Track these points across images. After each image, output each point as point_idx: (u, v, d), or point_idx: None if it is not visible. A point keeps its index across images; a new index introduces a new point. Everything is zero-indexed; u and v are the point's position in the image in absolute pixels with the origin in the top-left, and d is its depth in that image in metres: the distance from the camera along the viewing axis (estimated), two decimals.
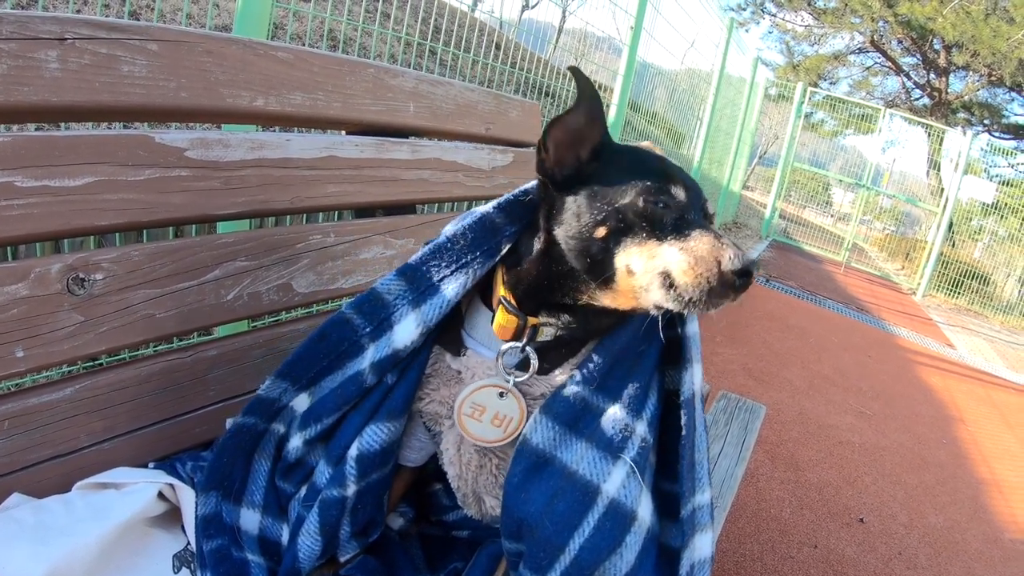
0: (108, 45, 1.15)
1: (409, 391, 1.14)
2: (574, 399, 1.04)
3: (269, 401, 1.20)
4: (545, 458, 1.01)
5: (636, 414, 1.05)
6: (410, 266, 1.13)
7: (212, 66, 1.31)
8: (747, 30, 21.72)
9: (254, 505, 1.21)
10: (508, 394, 1.08)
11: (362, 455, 1.11)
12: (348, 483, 1.12)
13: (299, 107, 1.46)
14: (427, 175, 1.77)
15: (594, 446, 1.02)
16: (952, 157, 13.85)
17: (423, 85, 1.77)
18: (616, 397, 1.05)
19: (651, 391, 1.10)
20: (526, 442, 1.03)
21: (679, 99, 9.39)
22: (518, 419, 1.08)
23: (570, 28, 9.34)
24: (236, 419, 1.21)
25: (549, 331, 1.09)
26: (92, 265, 1.15)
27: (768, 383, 5.25)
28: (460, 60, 4.19)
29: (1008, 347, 11.06)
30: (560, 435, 1.02)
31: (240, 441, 1.21)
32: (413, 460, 1.25)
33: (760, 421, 2.12)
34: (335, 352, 1.16)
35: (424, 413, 1.18)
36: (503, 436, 1.09)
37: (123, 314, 1.20)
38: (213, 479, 1.19)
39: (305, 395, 1.20)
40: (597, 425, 1.03)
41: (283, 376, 1.19)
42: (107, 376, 1.22)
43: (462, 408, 1.10)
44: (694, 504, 1.07)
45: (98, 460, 1.21)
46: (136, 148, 1.20)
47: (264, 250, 1.40)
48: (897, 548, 3.36)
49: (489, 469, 1.15)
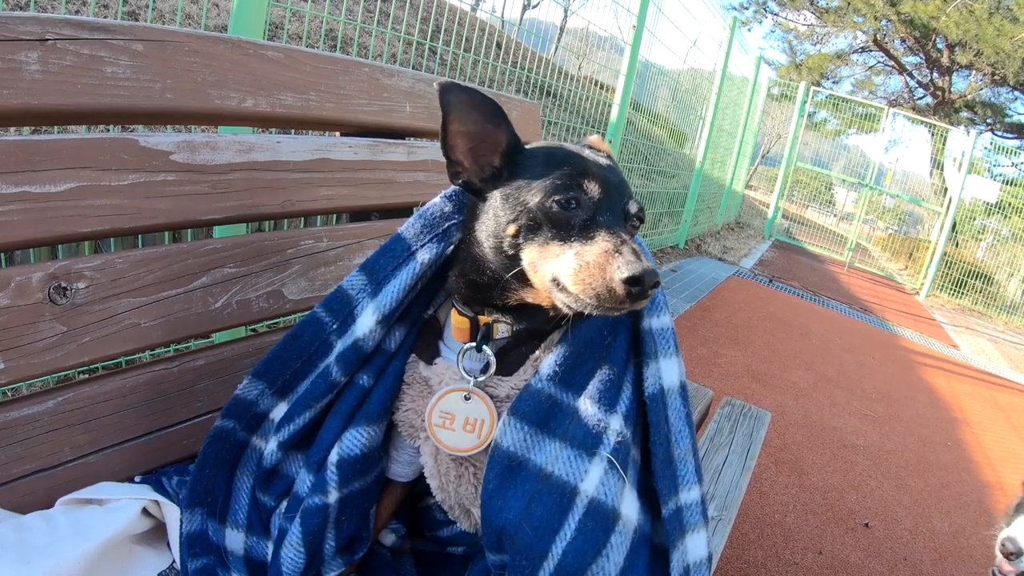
0: (91, 45, 1.11)
1: (386, 395, 1.13)
2: (541, 397, 1.01)
3: (247, 403, 1.19)
4: (518, 461, 0.98)
5: (609, 407, 1.02)
6: (370, 260, 1.16)
7: (199, 66, 1.27)
8: (750, 29, 21.75)
9: (238, 525, 1.19)
10: (473, 396, 1.06)
11: (343, 460, 1.09)
12: (330, 489, 1.09)
13: (290, 108, 1.42)
14: (423, 177, 1.73)
15: (568, 444, 0.98)
16: (955, 156, 13.81)
17: (420, 85, 1.73)
18: (585, 391, 1.02)
19: (624, 384, 1.06)
20: (497, 447, 1.00)
21: (681, 99, 9.37)
22: (489, 421, 1.05)
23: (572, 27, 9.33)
24: (215, 423, 1.19)
25: (504, 328, 1.07)
26: (74, 273, 1.12)
27: (772, 385, 5.21)
28: (461, 59, 4.15)
29: (1012, 348, 11.03)
30: (531, 436, 0.99)
31: (220, 450, 1.20)
32: (403, 475, 1.22)
33: (765, 428, 2.07)
34: (307, 352, 1.17)
35: (401, 423, 1.16)
36: (479, 442, 1.06)
37: (107, 323, 1.17)
38: (196, 494, 1.17)
39: (284, 404, 1.20)
40: (569, 422, 1.00)
41: (259, 376, 1.19)
42: (91, 388, 1.18)
43: (432, 419, 1.07)
44: (678, 502, 1.03)
45: (83, 474, 1.18)
46: (120, 152, 1.16)
47: (253, 256, 1.36)
48: (902, 553, 3.32)
49: (467, 479, 1.11)
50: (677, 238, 9.75)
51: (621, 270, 0.89)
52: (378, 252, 1.16)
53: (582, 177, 0.99)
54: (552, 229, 0.97)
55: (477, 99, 1.02)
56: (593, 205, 0.98)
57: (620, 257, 0.90)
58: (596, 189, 0.99)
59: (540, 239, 0.97)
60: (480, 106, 1.03)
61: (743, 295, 8.36)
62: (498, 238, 1.01)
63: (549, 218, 0.97)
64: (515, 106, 2.13)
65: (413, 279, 1.10)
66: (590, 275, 0.91)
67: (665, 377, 1.06)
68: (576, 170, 1.00)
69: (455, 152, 1.05)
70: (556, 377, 1.01)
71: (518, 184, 1.01)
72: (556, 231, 0.97)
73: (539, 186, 0.99)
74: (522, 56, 5.00)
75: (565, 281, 0.92)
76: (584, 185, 0.99)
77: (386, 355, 1.14)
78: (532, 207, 0.98)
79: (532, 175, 1.01)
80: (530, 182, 1.00)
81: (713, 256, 10.46)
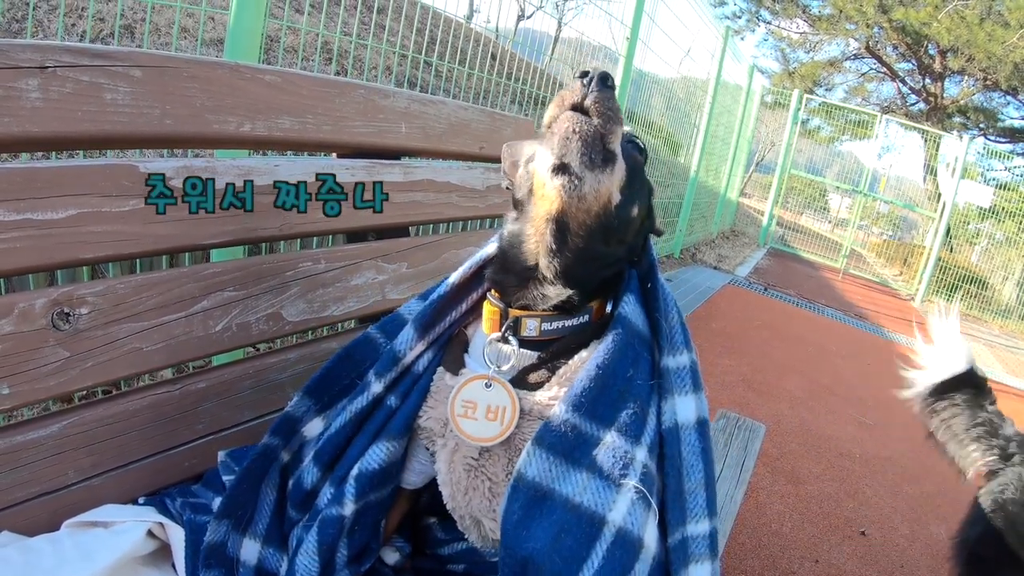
0: (91, 72, 1.12)
1: (410, 412, 1.15)
2: (566, 428, 1.00)
3: (295, 420, 1.22)
4: (544, 492, 0.98)
5: (635, 440, 1.02)
6: (428, 291, 1.21)
7: (197, 91, 1.28)
8: (742, 38, 21.80)
9: (256, 535, 1.20)
10: (494, 383, 1.07)
11: (362, 473, 1.11)
12: (346, 502, 1.11)
13: (287, 131, 1.44)
14: (419, 197, 1.75)
15: (595, 475, 0.98)
16: (948, 161, 13.88)
17: (415, 105, 1.75)
18: (611, 423, 1.02)
19: (649, 416, 1.07)
20: (522, 477, 0.99)
21: (676, 107, 9.41)
22: (512, 408, 1.06)
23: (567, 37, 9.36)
24: (264, 439, 1.21)
25: (532, 325, 1.09)
26: (77, 299, 1.13)
27: (767, 394, 5.22)
28: (456, 72, 4.18)
29: (1007, 352, 11.06)
30: (556, 466, 0.99)
31: (264, 465, 1.22)
32: (413, 483, 1.23)
33: (760, 441, 2.09)
34: (358, 370, 1.22)
35: (422, 429, 1.17)
36: (501, 430, 1.06)
37: (109, 348, 1.17)
38: (230, 507, 1.18)
39: (319, 419, 1.23)
40: (595, 453, 1.00)
41: (310, 393, 1.22)
42: (94, 411, 1.19)
43: (455, 408, 1.08)
44: (684, 533, 1.04)
45: (87, 496, 1.19)
46: (120, 178, 1.17)
47: (253, 279, 1.38)
48: (899, 561, 3.33)
49: (482, 492, 1.11)
50: (672, 248, 9.78)
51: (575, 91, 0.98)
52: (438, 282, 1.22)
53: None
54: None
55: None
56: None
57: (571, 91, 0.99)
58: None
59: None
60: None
61: (738, 304, 8.38)
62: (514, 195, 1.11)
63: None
64: (509, 123, 2.15)
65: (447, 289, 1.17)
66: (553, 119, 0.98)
67: (680, 414, 1.08)
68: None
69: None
70: (581, 408, 1.01)
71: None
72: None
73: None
74: (517, 67, 5.02)
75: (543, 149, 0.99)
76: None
77: (414, 376, 1.17)
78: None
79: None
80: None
81: (708, 265, 10.48)
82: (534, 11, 9.89)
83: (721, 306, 7.81)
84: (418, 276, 1.75)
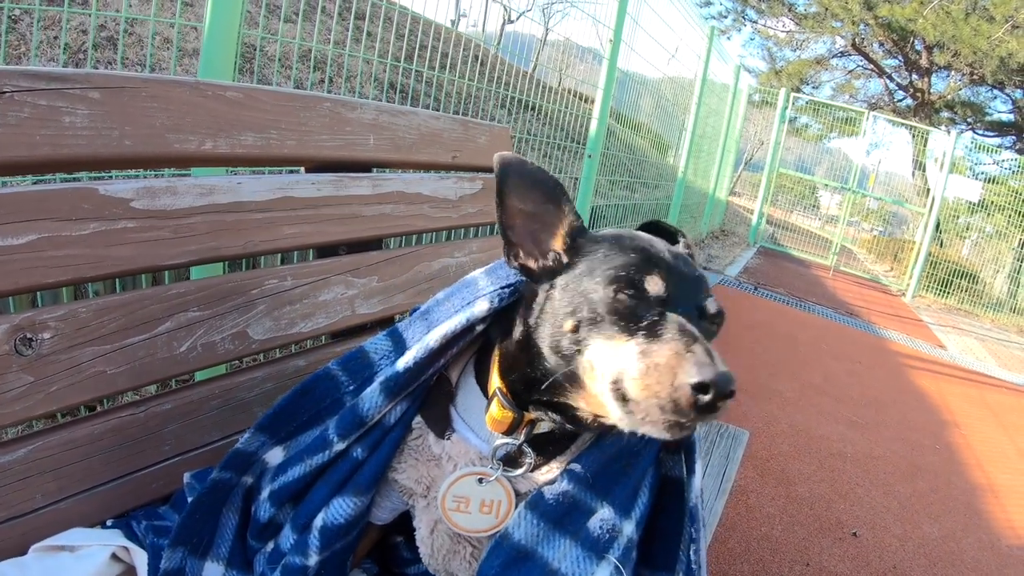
0: (48, 96, 1.11)
1: (379, 467, 1.09)
2: (563, 497, 0.98)
3: (247, 455, 1.18)
4: (525, 553, 0.95)
5: (625, 514, 0.99)
6: (398, 327, 1.14)
7: (157, 111, 1.26)
8: (729, 38, 21.84)
9: (219, 558, 1.17)
10: (489, 479, 1.02)
11: (326, 527, 1.07)
12: (311, 553, 1.08)
13: (250, 148, 1.42)
14: (389, 209, 1.73)
15: (579, 544, 0.96)
16: (937, 157, 13.92)
17: (384, 116, 1.73)
18: (606, 496, 0.99)
19: (643, 488, 1.04)
20: (508, 537, 0.97)
21: (664, 109, 9.41)
22: (507, 501, 1.02)
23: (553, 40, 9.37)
24: (213, 475, 1.18)
25: (545, 426, 1.01)
26: (39, 324, 1.11)
27: (757, 395, 5.21)
28: (439, 78, 4.16)
29: (1000, 345, 11.08)
30: (544, 531, 0.96)
31: (216, 499, 1.18)
32: (383, 519, 1.20)
33: (743, 448, 2.07)
34: (317, 407, 1.15)
35: (398, 483, 1.13)
36: (497, 522, 1.02)
37: (73, 372, 1.16)
38: (183, 535, 1.15)
39: (280, 449, 1.18)
40: (584, 523, 0.97)
41: (263, 429, 1.17)
42: (59, 435, 1.18)
43: (445, 504, 1.03)
44: None
45: (54, 520, 1.17)
46: (79, 202, 1.15)
47: (217, 298, 1.35)
48: (891, 562, 3.32)
49: (463, 556, 1.09)
50: None
51: (691, 373, 0.77)
52: (408, 320, 1.13)
53: (652, 266, 0.90)
54: (615, 325, 0.86)
55: (539, 176, 0.96)
56: (663, 300, 0.88)
57: (692, 357, 0.79)
58: (665, 281, 0.89)
59: (601, 336, 0.87)
60: (541, 184, 0.96)
61: (727, 304, 8.24)
62: (556, 333, 0.91)
63: (612, 312, 0.87)
64: (483, 132, 2.13)
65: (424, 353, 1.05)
66: (657, 378, 0.79)
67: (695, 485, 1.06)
68: (645, 257, 0.91)
69: (515, 233, 0.97)
70: (583, 480, 0.98)
71: (579, 272, 0.93)
72: (619, 328, 0.86)
73: (602, 275, 0.89)
74: (503, 71, 5.01)
75: (627, 385, 0.82)
76: (653, 275, 0.89)
77: (384, 428, 1.08)
78: (594, 299, 0.88)
79: (595, 263, 0.92)
80: (592, 271, 0.91)
81: (698, 265, 10.46)
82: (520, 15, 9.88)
83: None
84: (388, 290, 1.72)
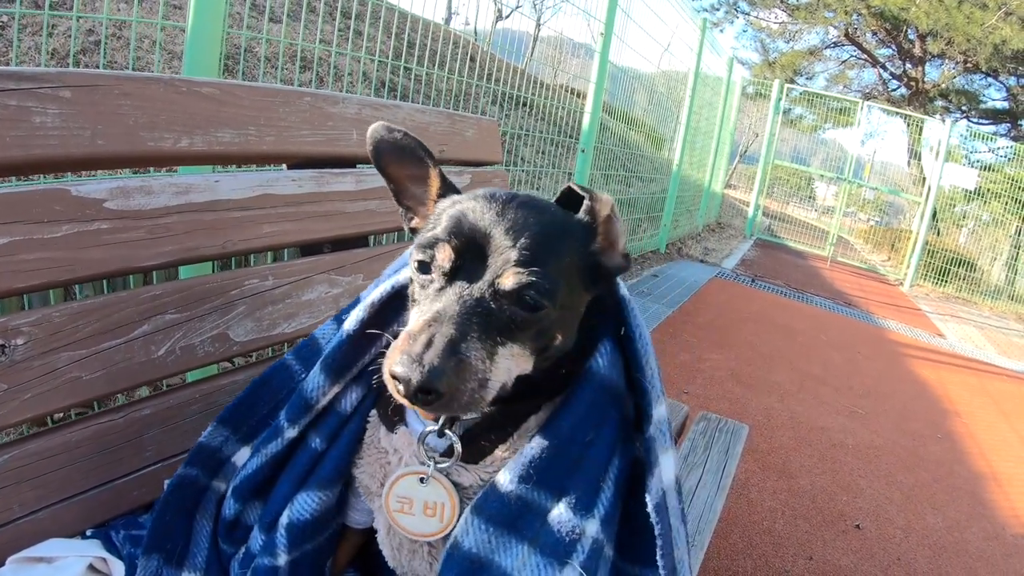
0: (18, 96, 1.08)
1: (340, 459, 1.06)
2: (509, 498, 0.91)
3: (211, 449, 1.16)
4: (480, 563, 0.89)
5: (586, 512, 0.91)
6: (344, 310, 1.13)
7: (131, 109, 1.23)
8: (721, 30, 21.86)
9: (196, 568, 1.15)
10: (430, 479, 0.97)
11: (292, 524, 1.04)
12: (279, 552, 1.04)
13: (228, 145, 1.38)
14: (374, 205, 1.69)
15: (537, 551, 0.89)
16: (932, 145, 13.90)
17: (367, 110, 1.69)
18: (561, 494, 0.92)
19: (606, 481, 0.96)
20: (457, 546, 0.91)
21: (657, 102, 9.38)
22: (450, 505, 0.97)
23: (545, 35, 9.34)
24: (178, 471, 1.16)
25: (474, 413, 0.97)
26: (12, 330, 1.09)
27: (757, 388, 5.18)
28: (432, 75, 4.12)
29: (998, 333, 11.06)
30: (496, 537, 0.89)
31: (182, 496, 1.17)
32: (361, 522, 1.16)
33: (742, 443, 2.03)
34: (275, 399, 1.16)
35: (359, 480, 1.09)
36: (442, 527, 0.98)
37: (48, 378, 1.13)
38: (154, 540, 1.13)
39: (247, 448, 1.17)
40: (540, 526, 0.90)
41: (224, 422, 1.17)
42: (36, 443, 1.15)
43: (389, 504, 0.99)
44: None
45: (33, 530, 1.15)
46: (51, 203, 1.13)
47: (195, 300, 1.32)
48: (895, 553, 3.29)
49: (422, 555, 1.04)
50: (657, 243, 9.74)
51: (392, 361, 0.78)
52: (352, 302, 1.12)
53: (448, 237, 0.86)
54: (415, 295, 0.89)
55: (404, 141, 0.96)
56: (448, 273, 0.86)
57: (405, 346, 0.78)
58: (454, 253, 0.86)
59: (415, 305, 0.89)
60: (410, 149, 0.97)
61: (725, 297, 8.34)
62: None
63: (416, 281, 0.89)
64: (471, 125, 2.09)
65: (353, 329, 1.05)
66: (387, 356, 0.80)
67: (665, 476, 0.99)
68: (448, 226, 0.88)
69: (406, 196, 1.00)
70: (529, 478, 0.91)
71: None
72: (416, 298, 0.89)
73: (416, 242, 0.89)
74: (496, 68, 4.98)
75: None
76: (442, 247, 0.86)
77: (340, 416, 1.06)
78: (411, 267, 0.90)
79: (425, 229, 0.92)
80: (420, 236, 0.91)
81: (694, 259, 10.45)
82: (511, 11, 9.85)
83: (708, 300, 7.77)
84: None
